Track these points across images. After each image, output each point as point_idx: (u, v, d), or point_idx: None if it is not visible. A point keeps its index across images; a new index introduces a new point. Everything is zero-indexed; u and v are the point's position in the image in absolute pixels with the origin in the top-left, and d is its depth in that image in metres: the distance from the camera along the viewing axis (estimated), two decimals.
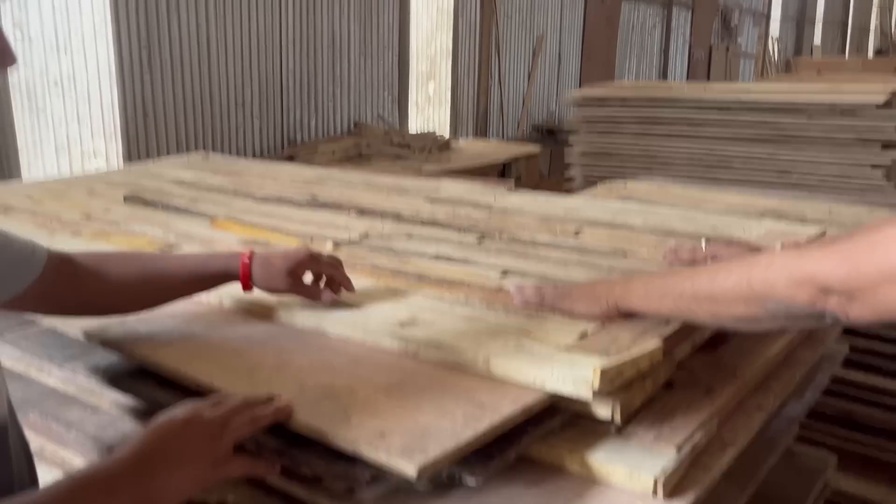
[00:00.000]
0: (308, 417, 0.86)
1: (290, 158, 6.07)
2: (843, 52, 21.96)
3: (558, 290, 1.14)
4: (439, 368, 0.99)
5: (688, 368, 1.10)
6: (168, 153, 5.58)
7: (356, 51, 7.21)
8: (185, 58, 5.72)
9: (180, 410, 0.86)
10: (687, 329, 1.08)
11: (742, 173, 3.75)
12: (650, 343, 0.99)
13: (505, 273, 1.32)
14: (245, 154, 6.24)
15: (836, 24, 22.18)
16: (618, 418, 0.91)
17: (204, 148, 5.88)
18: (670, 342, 1.03)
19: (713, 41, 14.21)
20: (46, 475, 1.13)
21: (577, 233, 1.61)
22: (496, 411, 0.87)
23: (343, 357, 1.03)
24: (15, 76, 4.86)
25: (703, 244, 1.37)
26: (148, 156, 5.49)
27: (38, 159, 5.09)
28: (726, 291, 0.93)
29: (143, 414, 1.06)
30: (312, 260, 1.18)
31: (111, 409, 1.11)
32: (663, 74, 12.99)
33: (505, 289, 1.23)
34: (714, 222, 1.70)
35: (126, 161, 5.36)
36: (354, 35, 7.16)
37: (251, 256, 1.15)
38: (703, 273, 1.01)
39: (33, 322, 1.26)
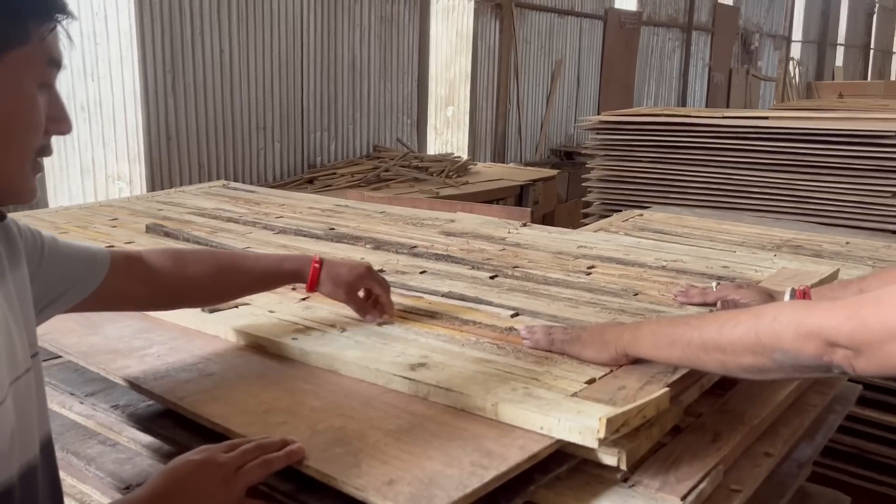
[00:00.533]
0: (319, 462, 0.88)
1: (311, 181, 6.13)
2: (866, 75, 21.84)
3: (567, 334, 1.15)
4: (448, 412, 1.00)
5: (695, 413, 1.11)
6: (190, 176, 5.66)
7: (376, 75, 7.29)
8: (207, 82, 5.82)
9: (196, 453, 0.88)
10: (694, 374, 1.09)
11: (759, 200, 3.72)
12: (657, 390, 1.00)
13: (516, 313, 1.33)
14: (266, 177, 6.32)
15: (859, 47, 22.06)
16: (624, 466, 0.92)
17: (226, 171, 5.96)
18: (677, 388, 1.04)
19: (733, 65, 14.20)
20: None
21: (589, 270, 1.63)
22: (503, 460, 0.88)
23: (355, 399, 1.05)
24: None
25: (714, 286, 1.38)
26: (171, 178, 5.57)
27: (63, 182, 5.19)
28: (734, 342, 0.95)
29: (161, 452, 1.09)
30: (371, 277, 1.31)
31: (130, 445, 1.14)
32: (682, 98, 12.98)
33: (515, 330, 1.24)
34: (726, 261, 1.70)
35: (149, 183, 5.44)
36: (374, 59, 7.24)
37: (321, 263, 1.27)
38: (711, 322, 1.01)
39: (56, 356, 1.29)
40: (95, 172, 5.32)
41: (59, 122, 0.84)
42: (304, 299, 1.40)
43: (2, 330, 0.86)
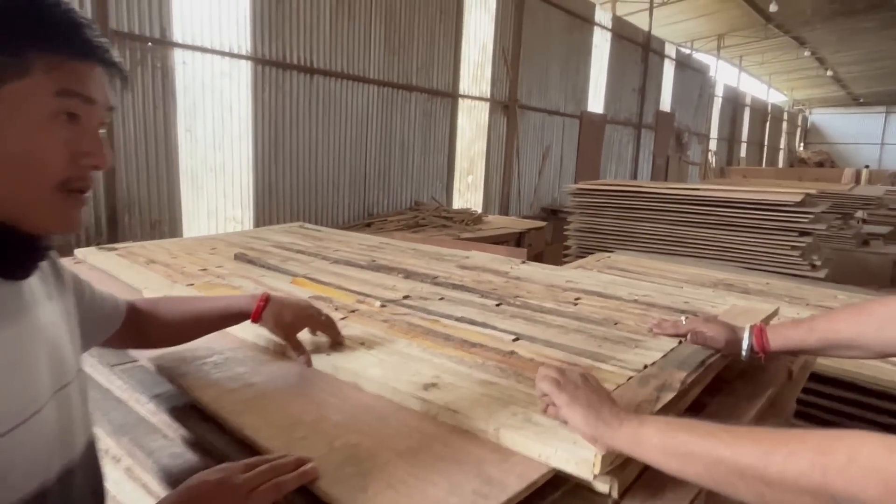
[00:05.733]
0: (329, 483, 0.65)
1: (369, 225, 5.96)
2: (761, 163, 21.76)
3: (566, 394, 0.73)
4: (455, 433, 0.76)
5: None
6: (285, 219, 5.51)
7: (418, 151, 7.15)
8: (299, 154, 5.70)
9: (214, 472, 0.65)
10: (676, 407, 0.84)
11: (694, 249, 3.54)
12: None
13: (516, 338, 1.09)
14: (338, 221, 6.15)
15: (756, 143, 21.95)
16: (616, 494, 0.67)
17: (310, 216, 5.81)
18: None
19: (669, 153, 13.93)
20: (135, 493, 0.93)
21: (576, 301, 1.37)
22: (503, 488, 0.64)
23: (372, 414, 0.81)
24: (184, 164, 4.86)
25: (683, 320, 1.12)
26: (270, 221, 5.43)
27: (195, 221, 5.05)
28: (790, 478, 0.54)
29: (203, 450, 0.86)
30: (312, 319, 1.00)
31: (182, 442, 0.91)
32: (634, 175, 12.72)
33: (516, 353, 1.00)
34: (687, 297, 1.44)
35: (255, 224, 5.30)
36: (417, 141, 7.11)
37: (267, 300, 0.96)
38: (749, 444, 0.58)
39: (136, 359, 1.08)
40: (218, 215, 5.18)
41: (91, 155, 0.59)
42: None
43: (52, 344, 0.63)
